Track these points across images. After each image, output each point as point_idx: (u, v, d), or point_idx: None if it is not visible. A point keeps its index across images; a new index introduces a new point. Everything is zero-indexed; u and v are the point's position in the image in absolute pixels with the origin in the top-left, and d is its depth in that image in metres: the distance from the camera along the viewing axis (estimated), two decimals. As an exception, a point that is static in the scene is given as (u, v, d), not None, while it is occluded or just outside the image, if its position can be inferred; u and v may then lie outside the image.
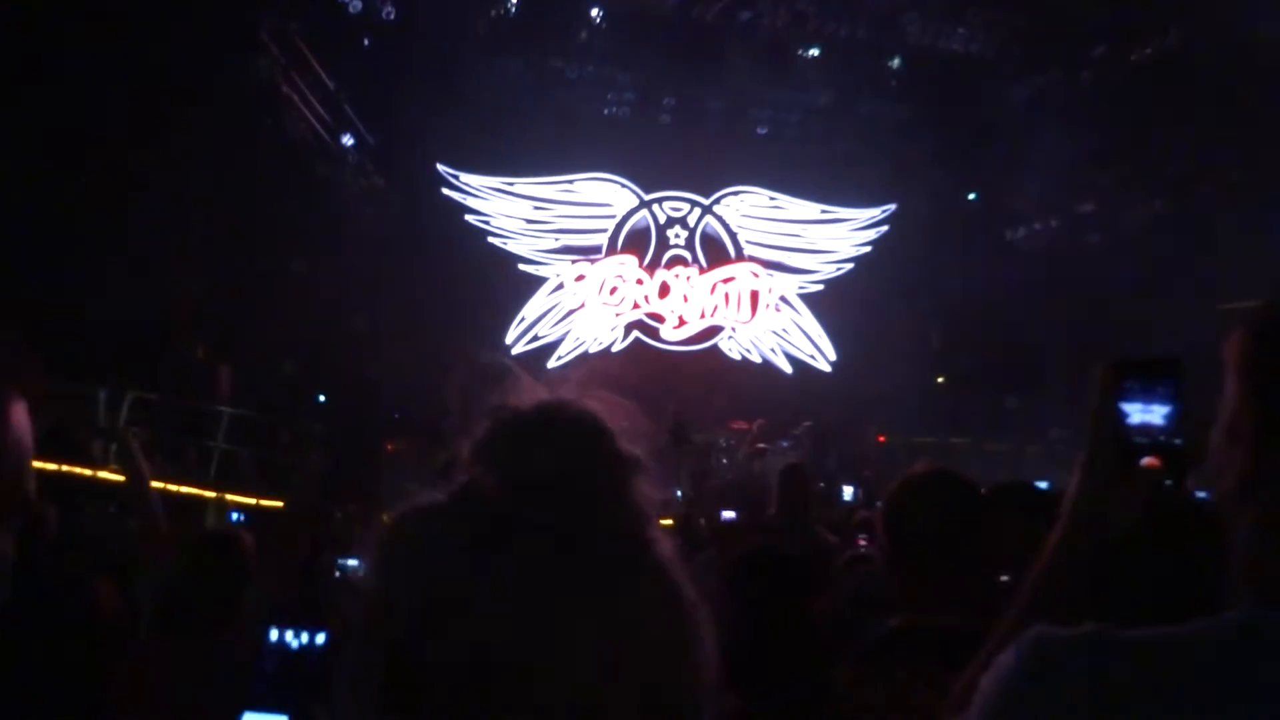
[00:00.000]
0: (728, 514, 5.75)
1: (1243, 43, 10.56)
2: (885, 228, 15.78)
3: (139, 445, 3.14)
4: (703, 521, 4.85)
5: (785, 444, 13.01)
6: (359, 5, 12.47)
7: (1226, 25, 11.00)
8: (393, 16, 12.80)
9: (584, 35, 13.99)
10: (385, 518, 0.72)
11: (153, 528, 2.90)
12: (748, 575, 2.38)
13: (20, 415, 0.73)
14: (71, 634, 1.62)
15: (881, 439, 14.27)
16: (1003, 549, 1.82)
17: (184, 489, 9.15)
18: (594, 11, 13.75)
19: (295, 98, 11.99)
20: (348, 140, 13.14)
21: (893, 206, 15.67)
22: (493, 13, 13.55)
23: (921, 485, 1.78)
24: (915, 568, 1.72)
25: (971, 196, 15.96)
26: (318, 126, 12.51)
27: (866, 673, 1.72)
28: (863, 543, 5.29)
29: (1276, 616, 0.81)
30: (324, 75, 12.26)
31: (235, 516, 8.42)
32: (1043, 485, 3.07)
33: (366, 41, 13.07)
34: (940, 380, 15.71)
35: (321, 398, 13.41)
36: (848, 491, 9.62)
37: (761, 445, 12.24)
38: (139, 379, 10.32)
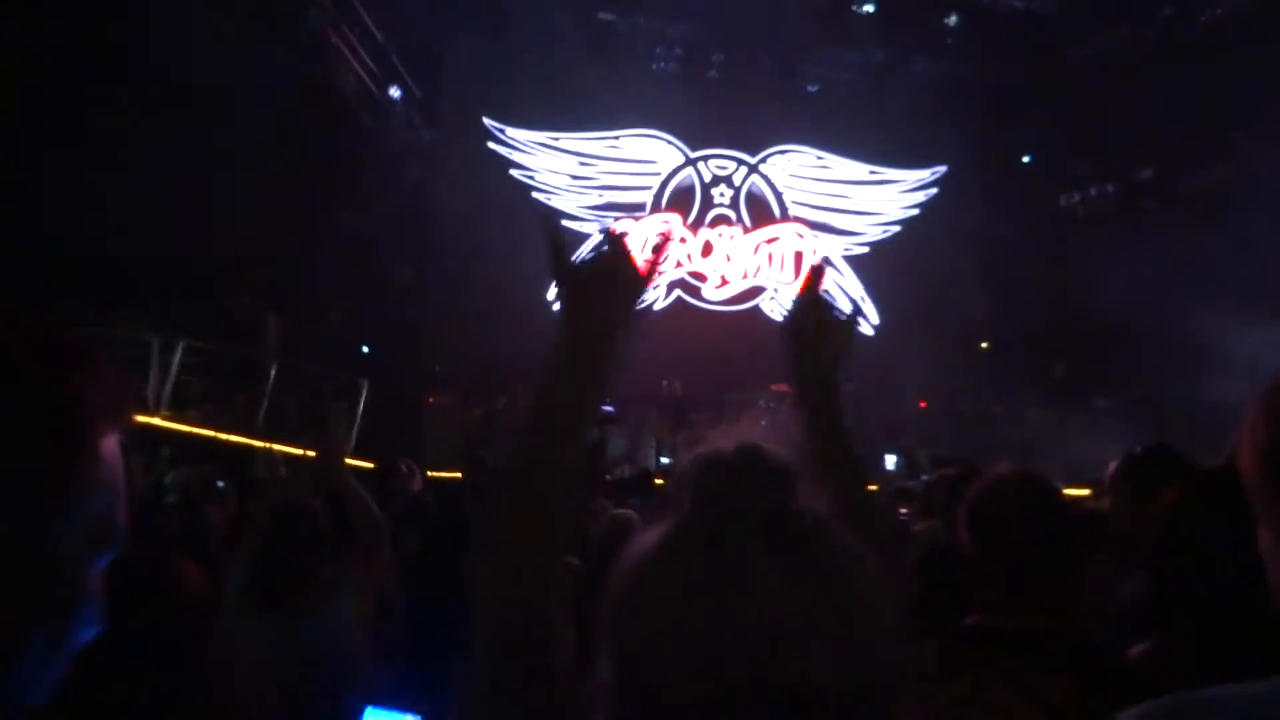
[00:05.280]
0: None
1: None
2: (935, 190, 15.49)
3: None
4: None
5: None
6: (409, -44, 12.37)
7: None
8: (443, -32, 12.69)
9: (634, -12, 13.77)
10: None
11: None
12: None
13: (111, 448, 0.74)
14: (160, 619, 1.64)
15: (923, 404, 14.17)
16: (1085, 555, 1.83)
17: (234, 438, 9.30)
18: (645, -36, 13.52)
19: (344, 48, 11.95)
20: (395, 92, 13.10)
21: (943, 168, 15.35)
22: (543, -36, 13.38)
23: (1009, 491, 1.78)
24: (1001, 573, 1.73)
25: (1026, 159, 15.59)
26: (365, 78, 12.48)
27: (946, 668, 1.72)
28: (904, 512, 5.26)
29: None
30: (373, 27, 12.20)
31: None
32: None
33: (416, -7, 12.97)
34: (984, 346, 15.51)
35: (365, 348, 13.54)
36: (890, 460, 9.58)
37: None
38: (185, 324, 10.45)
